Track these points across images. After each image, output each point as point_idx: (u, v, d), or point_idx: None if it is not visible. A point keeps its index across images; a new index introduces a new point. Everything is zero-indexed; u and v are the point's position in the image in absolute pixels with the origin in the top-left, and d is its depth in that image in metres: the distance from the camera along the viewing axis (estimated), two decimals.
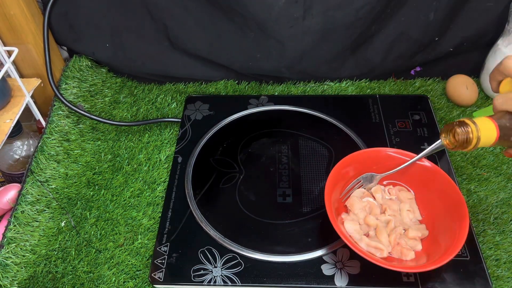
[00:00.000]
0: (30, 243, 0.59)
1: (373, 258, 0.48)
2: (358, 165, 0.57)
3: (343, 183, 0.57)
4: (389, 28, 0.72)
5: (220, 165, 0.64)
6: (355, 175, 0.57)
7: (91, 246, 0.59)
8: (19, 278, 0.56)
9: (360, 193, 0.57)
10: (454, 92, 0.73)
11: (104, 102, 0.78)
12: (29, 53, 0.72)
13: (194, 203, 0.60)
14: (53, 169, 0.66)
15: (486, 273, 0.51)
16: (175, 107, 0.76)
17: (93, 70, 0.80)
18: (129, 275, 0.56)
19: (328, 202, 0.52)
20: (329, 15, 0.68)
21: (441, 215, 0.54)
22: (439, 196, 0.55)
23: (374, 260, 0.47)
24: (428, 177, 0.56)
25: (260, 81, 0.80)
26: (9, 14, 0.66)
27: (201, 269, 0.53)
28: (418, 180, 0.57)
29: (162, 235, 0.57)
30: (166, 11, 0.72)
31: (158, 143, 0.71)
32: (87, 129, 0.73)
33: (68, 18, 0.74)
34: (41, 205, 0.62)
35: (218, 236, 0.56)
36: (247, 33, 0.72)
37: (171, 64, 0.79)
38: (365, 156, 0.58)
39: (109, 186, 0.65)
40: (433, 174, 0.56)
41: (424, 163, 0.56)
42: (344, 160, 0.56)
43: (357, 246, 0.50)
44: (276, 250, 0.54)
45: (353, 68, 0.77)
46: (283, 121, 0.70)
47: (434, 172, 0.56)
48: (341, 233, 0.49)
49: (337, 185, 0.56)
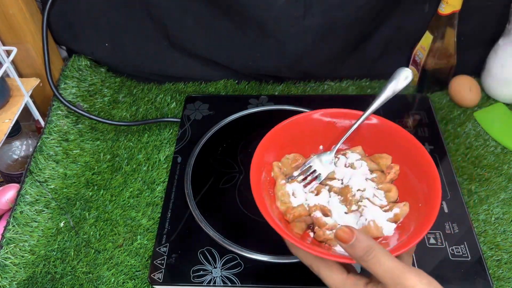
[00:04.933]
0: (29, 244, 0.58)
1: (303, 244, 0.41)
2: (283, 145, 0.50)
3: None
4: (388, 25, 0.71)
5: (220, 165, 0.64)
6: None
7: (90, 246, 0.58)
8: (18, 279, 0.55)
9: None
10: (457, 93, 0.73)
11: (103, 102, 0.77)
12: (28, 52, 0.71)
13: (193, 203, 0.59)
14: (52, 169, 0.66)
15: (487, 273, 0.51)
16: (174, 107, 0.76)
17: (92, 69, 0.80)
18: (129, 276, 0.55)
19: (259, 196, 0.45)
20: (330, 14, 0.67)
21: (407, 180, 0.48)
22: (401, 158, 0.49)
23: (303, 246, 0.41)
24: (383, 138, 0.50)
25: (260, 81, 0.80)
26: (8, 13, 0.66)
27: (200, 269, 0.53)
28: (371, 145, 0.51)
29: (161, 235, 0.56)
30: (165, 10, 0.72)
31: (157, 143, 0.70)
32: (86, 129, 0.73)
33: (67, 18, 0.74)
34: (40, 205, 0.62)
35: (218, 236, 0.55)
36: (247, 32, 0.72)
37: (170, 63, 0.79)
38: (291, 132, 0.50)
39: (108, 186, 0.65)
40: (387, 133, 0.50)
41: (372, 121, 0.50)
42: (261, 145, 0.48)
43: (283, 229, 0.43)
44: (276, 251, 0.54)
45: (354, 67, 0.77)
46: None
47: (389, 130, 0.49)
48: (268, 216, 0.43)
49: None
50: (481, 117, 0.71)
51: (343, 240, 0.38)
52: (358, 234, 0.38)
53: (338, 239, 0.38)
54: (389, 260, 0.36)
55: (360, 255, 0.37)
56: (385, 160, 0.50)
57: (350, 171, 0.49)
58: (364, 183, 0.48)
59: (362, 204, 0.46)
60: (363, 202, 0.46)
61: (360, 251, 0.37)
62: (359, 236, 0.37)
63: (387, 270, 0.36)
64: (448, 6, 0.65)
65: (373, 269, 0.37)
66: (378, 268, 0.36)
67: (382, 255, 0.37)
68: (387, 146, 0.50)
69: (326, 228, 0.45)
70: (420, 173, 0.47)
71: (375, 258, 0.36)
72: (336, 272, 0.40)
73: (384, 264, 0.36)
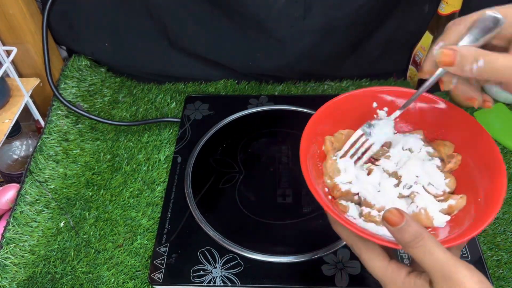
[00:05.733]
0: (29, 244, 0.58)
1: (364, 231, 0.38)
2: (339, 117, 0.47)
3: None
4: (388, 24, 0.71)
5: (220, 165, 0.64)
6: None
7: (90, 246, 0.58)
8: (18, 279, 0.55)
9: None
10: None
11: (103, 102, 0.77)
12: (28, 52, 0.71)
13: (193, 203, 0.59)
14: (52, 169, 0.66)
15: (487, 273, 0.51)
16: (174, 107, 0.76)
17: (92, 69, 0.80)
18: (129, 276, 0.55)
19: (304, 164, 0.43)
20: (329, 14, 0.67)
21: (468, 172, 0.44)
22: (464, 148, 0.45)
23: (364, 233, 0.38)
24: (448, 125, 0.46)
25: (260, 80, 0.80)
26: (8, 13, 0.66)
27: (200, 269, 0.53)
28: (434, 131, 0.47)
29: (161, 235, 0.56)
30: (165, 10, 0.72)
31: (157, 143, 0.70)
32: (86, 129, 0.73)
33: (67, 18, 0.74)
34: (40, 205, 0.62)
35: (218, 236, 0.55)
36: (247, 32, 0.72)
37: (170, 63, 0.79)
38: (348, 105, 0.47)
39: (108, 186, 0.65)
40: (453, 119, 0.45)
41: (439, 105, 0.46)
42: (321, 110, 0.46)
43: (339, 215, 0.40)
44: (276, 251, 0.54)
45: (354, 67, 0.77)
46: (283, 121, 0.70)
47: (455, 116, 0.45)
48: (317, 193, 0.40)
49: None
50: (481, 117, 0.71)
51: (391, 223, 0.35)
52: (408, 218, 0.34)
53: (386, 221, 0.35)
54: (439, 250, 0.33)
55: (408, 241, 0.34)
56: (447, 148, 0.46)
57: (407, 154, 0.46)
58: (420, 169, 0.44)
59: (414, 190, 0.43)
60: (416, 188, 0.43)
61: (409, 237, 0.34)
62: (409, 220, 0.34)
63: (436, 260, 0.33)
64: (448, 6, 0.65)
65: (420, 258, 0.34)
66: (427, 257, 0.33)
67: (433, 244, 0.34)
68: (451, 133, 0.46)
69: (374, 209, 0.42)
70: (484, 167, 0.42)
71: (424, 247, 0.34)
72: (378, 257, 0.37)
73: (434, 254, 0.33)
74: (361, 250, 0.38)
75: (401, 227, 0.34)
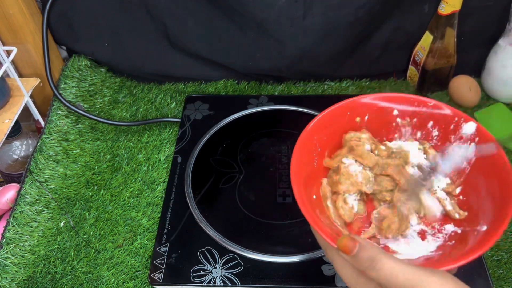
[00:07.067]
0: (29, 244, 0.58)
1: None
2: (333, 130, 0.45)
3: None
4: (388, 24, 0.71)
5: (220, 165, 0.64)
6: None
7: (90, 246, 0.58)
8: (18, 279, 0.55)
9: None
10: (457, 93, 0.73)
11: (103, 102, 0.77)
12: (28, 52, 0.72)
13: (193, 203, 0.59)
14: (52, 169, 0.66)
15: (487, 273, 0.51)
16: (174, 107, 0.76)
17: (92, 69, 0.80)
18: (129, 276, 0.55)
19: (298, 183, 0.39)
20: (329, 14, 0.67)
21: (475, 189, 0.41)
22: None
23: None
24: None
25: (260, 81, 0.80)
26: (8, 13, 0.66)
27: (200, 269, 0.53)
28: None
29: (161, 235, 0.56)
30: (165, 10, 0.72)
31: (157, 143, 0.70)
32: (86, 129, 0.73)
33: (67, 18, 0.74)
34: (40, 205, 0.62)
35: (218, 236, 0.55)
36: (247, 32, 0.72)
37: (170, 63, 0.79)
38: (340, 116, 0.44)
39: (108, 186, 0.65)
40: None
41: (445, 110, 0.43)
42: (316, 124, 0.44)
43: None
44: (276, 251, 0.54)
45: (354, 67, 0.77)
46: (283, 121, 0.70)
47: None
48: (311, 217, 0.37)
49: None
50: (481, 117, 0.71)
51: (345, 251, 0.33)
52: (362, 242, 0.33)
53: (340, 251, 0.34)
54: (399, 268, 0.32)
55: (366, 266, 0.33)
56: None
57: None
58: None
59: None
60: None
61: (366, 261, 0.32)
62: (362, 245, 0.33)
63: (397, 279, 0.31)
64: (448, 6, 0.65)
65: (383, 280, 0.32)
66: (389, 278, 0.32)
67: (391, 264, 0.32)
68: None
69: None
70: (494, 187, 0.39)
71: (382, 269, 0.32)
72: (350, 266, 0.35)
73: (393, 274, 0.32)
74: (333, 257, 0.36)
75: (355, 254, 0.33)
